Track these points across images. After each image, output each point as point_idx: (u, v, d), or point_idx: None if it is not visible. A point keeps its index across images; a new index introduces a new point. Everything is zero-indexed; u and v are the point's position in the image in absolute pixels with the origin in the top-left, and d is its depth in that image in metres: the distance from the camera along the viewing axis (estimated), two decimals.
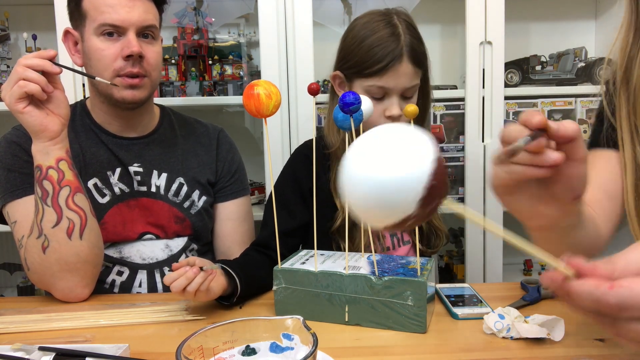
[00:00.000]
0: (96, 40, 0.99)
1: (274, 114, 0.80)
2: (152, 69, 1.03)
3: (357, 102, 0.80)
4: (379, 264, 0.86)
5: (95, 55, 1.00)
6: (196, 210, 1.14)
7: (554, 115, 1.70)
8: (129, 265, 1.08)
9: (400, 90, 1.00)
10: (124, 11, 0.97)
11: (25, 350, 0.72)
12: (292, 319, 0.62)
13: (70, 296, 0.97)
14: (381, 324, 0.81)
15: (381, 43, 0.98)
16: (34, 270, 0.96)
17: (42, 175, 0.92)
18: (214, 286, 0.85)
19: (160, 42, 1.08)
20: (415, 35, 1.01)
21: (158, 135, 1.14)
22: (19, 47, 1.81)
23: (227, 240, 1.19)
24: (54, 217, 0.92)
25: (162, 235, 1.11)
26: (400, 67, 0.98)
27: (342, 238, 1.04)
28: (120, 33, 0.99)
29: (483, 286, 1.07)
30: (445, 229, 1.12)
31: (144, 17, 1.00)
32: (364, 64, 1.00)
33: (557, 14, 1.93)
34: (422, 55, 1.01)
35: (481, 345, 0.75)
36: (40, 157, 0.92)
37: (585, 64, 1.70)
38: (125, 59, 0.98)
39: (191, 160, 1.16)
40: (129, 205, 1.08)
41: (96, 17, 0.98)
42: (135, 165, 1.09)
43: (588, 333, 0.78)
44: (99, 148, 1.08)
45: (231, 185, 1.20)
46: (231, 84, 1.69)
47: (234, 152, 1.23)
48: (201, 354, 0.58)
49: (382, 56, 0.98)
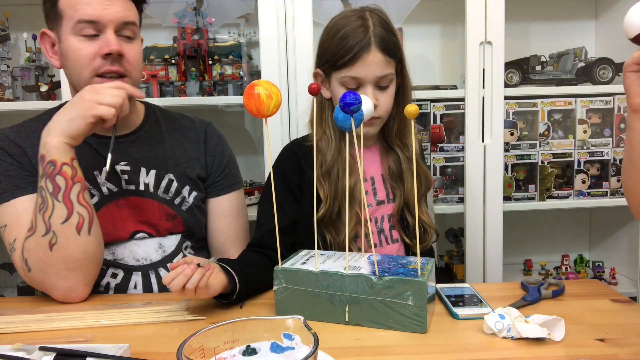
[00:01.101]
0: (73, 40, 0.98)
1: (274, 114, 0.80)
2: (133, 68, 1.02)
3: (357, 102, 0.80)
4: (380, 263, 0.86)
5: (72, 55, 0.99)
6: (187, 206, 1.12)
7: (554, 115, 1.70)
8: (123, 267, 1.08)
9: (372, 79, 1.01)
10: (101, 7, 0.96)
11: (25, 350, 0.72)
12: (292, 319, 0.62)
13: (71, 296, 0.97)
14: (381, 324, 0.81)
15: (350, 34, 1.01)
16: (36, 270, 0.95)
17: (57, 170, 0.92)
18: (214, 282, 0.85)
19: (141, 41, 1.07)
20: (385, 27, 1.02)
21: (143, 132, 1.12)
22: (19, 47, 1.81)
23: (222, 237, 1.18)
24: (64, 212, 0.92)
25: (154, 234, 1.10)
26: (368, 57, 1.00)
27: (327, 229, 1.05)
28: (98, 30, 0.97)
29: (483, 286, 1.07)
30: (434, 225, 1.13)
31: (123, 13, 0.98)
32: (335, 56, 1.03)
33: (557, 14, 1.93)
34: (392, 45, 1.02)
35: (481, 345, 0.75)
36: (56, 153, 0.92)
37: (585, 64, 1.70)
38: (103, 58, 0.97)
39: (179, 156, 1.14)
40: (118, 204, 1.07)
41: (72, 15, 0.96)
42: (122, 164, 1.07)
43: (588, 333, 0.78)
44: (83, 149, 1.04)
45: (222, 179, 1.18)
46: (231, 84, 1.69)
47: (223, 146, 1.21)
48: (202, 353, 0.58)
49: (351, 46, 1.00)
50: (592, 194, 1.73)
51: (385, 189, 1.12)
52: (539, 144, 1.71)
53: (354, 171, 1.06)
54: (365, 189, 1.10)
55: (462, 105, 1.64)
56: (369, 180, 1.11)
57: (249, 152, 1.87)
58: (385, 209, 1.12)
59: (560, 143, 1.71)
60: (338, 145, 1.07)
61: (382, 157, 1.13)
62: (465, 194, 1.65)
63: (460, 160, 1.68)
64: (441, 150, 1.69)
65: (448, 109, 1.67)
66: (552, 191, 1.72)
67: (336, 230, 1.04)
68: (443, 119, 1.68)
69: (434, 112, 1.68)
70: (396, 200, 1.11)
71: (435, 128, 1.68)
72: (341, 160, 1.06)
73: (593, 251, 2.05)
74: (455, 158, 1.69)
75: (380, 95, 1.03)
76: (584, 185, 1.73)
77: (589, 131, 1.71)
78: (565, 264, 1.92)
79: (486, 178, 1.63)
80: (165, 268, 1.10)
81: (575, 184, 1.72)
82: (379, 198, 1.12)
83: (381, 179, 1.13)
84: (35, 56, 1.70)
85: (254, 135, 1.93)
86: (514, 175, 1.71)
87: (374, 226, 1.11)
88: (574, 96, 1.70)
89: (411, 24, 1.84)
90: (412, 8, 1.72)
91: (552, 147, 1.71)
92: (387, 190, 1.13)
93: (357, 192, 1.05)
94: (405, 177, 1.10)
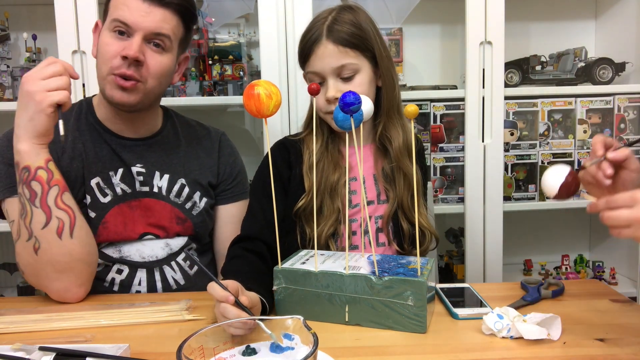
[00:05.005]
0: (107, 35, 1.00)
1: (274, 114, 0.80)
2: (150, 76, 1.01)
3: (357, 102, 0.80)
4: (379, 263, 0.86)
5: (101, 48, 1.01)
6: (198, 211, 1.14)
7: (554, 115, 1.70)
8: (129, 263, 1.08)
9: (330, 71, 1.01)
10: (139, 14, 0.97)
11: (25, 350, 0.72)
12: (292, 319, 0.62)
13: (66, 296, 0.97)
14: (381, 324, 0.81)
15: (308, 31, 1.03)
16: (28, 272, 0.96)
17: (31, 176, 0.92)
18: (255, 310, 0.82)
19: (173, 54, 1.05)
20: (345, 19, 1.01)
21: (161, 137, 1.15)
22: (19, 47, 1.81)
23: (227, 242, 1.18)
24: (42, 218, 0.92)
25: (162, 236, 1.11)
26: (319, 49, 1.00)
27: (307, 223, 1.03)
28: (128, 34, 0.99)
29: (483, 286, 1.07)
30: (433, 230, 1.09)
31: (157, 24, 0.99)
32: (299, 54, 1.06)
33: (557, 14, 1.93)
34: (348, 35, 1.00)
35: (481, 345, 0.75)
36: (28, 158, 0.92)
37: (585, 64, 1.70)
38: (122, 59, 0.98)
39: (192, 163, 1.16)
40: (130, 206, 1.08)
41: (112, 12, 0.99)
42: (138, 166, 1.09)
43: (588, 333, 0.78)
44: (102, 147, 1.08)
45: (232, 188, 1.21)
46: (231, 84, 1.69)
47: (235, 156, 1.24)
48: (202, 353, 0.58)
49: (305, 41, 1.02)
50: None
51: (376, 189, 1.10)
52: (539, 144, 1.71)
53: (339, 167, 1.06)
54: (354, 188, 1.08)
55: (462, 105, 1.64)
56: (359, 179, 1.08)
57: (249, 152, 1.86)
58: (373, 209, 1.09)
59: (560, 143, 1.71)
60: (326, 140, 1.08)
61: (376, 157, 1.11)
62: (465, 194, 1.65)
63: (460, 160, 1.68)
64: (441, 150, 1.69)
65: (448, 109, 1.67)
66: None
67: (318, 223, 1.01)
68: (443, 119, 1.68)
69: (434, 112, 1.67)
70: (389, 202, 1.08)
71: (435, 128, 1.68)
72: (328, 154, 1.06)
73: (593, 251, 2.05)
74: (455, 158, 1.69)
75: (343, 86, 1.01)
76: None
77: (589, 131, 1.71)
78: (565, 264, 1.92)
79: (486, 178, 1.62)
80: (169, 265, 1.11)
81: None
82: (368, 198, 1.09)
83: (372, 179, 1.10)
84: (35, 56, 1.70)
85: (254, 135, 1.93)
86: (514, 175, 1.71)
87: (358, 226, 1.07)
88: (574, 96, 1.70)
89: (411, 24, 1.83)
90: (412, 8, 1.72)
91: (552, 147, 1.71)
92: (377, 190, 1.10)
93: (340, 188, 1.04)
94: (396, 177, 1.08)
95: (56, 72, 0.91)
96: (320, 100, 1.02)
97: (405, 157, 1.07)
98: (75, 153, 1.06)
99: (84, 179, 1.06)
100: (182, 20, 1.04)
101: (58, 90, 0.90)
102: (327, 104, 1.02)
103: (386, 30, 1.80)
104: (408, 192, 1.07)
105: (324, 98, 1.02)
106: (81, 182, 1.05)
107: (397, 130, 1.07)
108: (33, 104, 0.90)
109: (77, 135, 1.08)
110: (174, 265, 1.12)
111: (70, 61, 1.49)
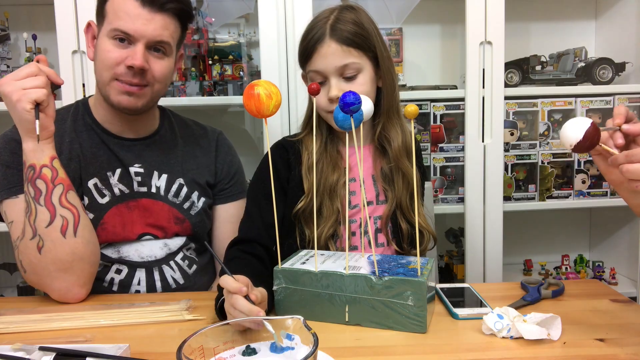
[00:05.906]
0: (107, 41, 1.00)
1: (274, 114, 0.80)
2: (156, 80, 1.03)
3: (357, 102, 0.80)
4: (379, 263, 0.86)
5: (101, 55, 1.01)
6: (196, 211, 1.14)
7: (554, 115, 1.70)
8: (128, 263, 1.08)
9: (333, 70, 1.00)
10: (140, 23, 0.97)
11: (25, 350, 0.72)
12: (292, 319, 0.62)
13: (68, 296, 0.97)
14: (381, 324, 0.81)
15: (310, 29, 1.02)
16: (30, 271, 0.96)
17: (36, 174, 0.92)
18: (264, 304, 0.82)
19: (173, 57, 1.07)
20: (347, 18, 1.01)
21: (159, 137, 1.15)
22: (19, 47, 1.81)
23: (226, 242, 1.18)
24: (47, 216, 0.92)
25: (160, 236, 1.11)
26: (322, 48, 1.00)
27: (307, 225, 1.03)
28: (130, 41, 0.99)
29: (483, 286, 1.08)
30: (432, 230, 1.09)
31: (158, 32, 0.99)
32: (300, 53, 1.05)
33: (557, 14, 1.93)
34: (352, 34, 1.00)
35: (481, 345, 0.75)
36: (33, 156, 0.92)
37: (585, 64, 1.70)
38: (127, 68, 0.99)
39: (190, 162, 1.16)
40: (128, 206, 1.08)
41: (113, 21, 0.99)
42: (136, 166, 1.10)
43: (588, 333, 0.78)
44: (99, 148, 1.08)
45: (230, 187, 1.21)
46: (231, 84, 1.69)
47: (232, 155, 1.24)
48: (202, 354, 0.58)
49: (308, 40, 1.02)
50: (592, 194, 1.73)
51: (375, 190, 1.10)
52: (539, 144, 1.71)
53: (338, 167, 1.05)
54: (353, 188, 1.08)
55: (462, 105, 1.64)
56: (359, 180, 1.08)
57: (249, 152, 1.86)
58: (372, 209, 1.09)
59: (560, 143, 1.71)
60: (325, 141, 1.07)
61: (375, 158, 1.11)
62: (465, 194, 1.65)
63: (460, 160, 1.68)
64: (441, 150, 1.69)
65: (448, 109, 1.67)
66: (552, 191, 1.72)
67: (317, 225, 1.01)
68: (443, 119, 1.68)
69: (434, 112, 1.67)
70: (388, 202, 1.08)
71: (435, 128, 1.68)
72: (327, 155, 1.06)
73: (593, 251, 2.05)
74: (455, 158, 1.69)
75: (346, 86, 1.01)
76: (584, 185, 1.73)
77: None
78: (565, 264, 1.92)
79: (486, 178, 1.62)
80: (168, 265, 1.11)
81: (575, 184, 1.72)
82: (367, 199, 1.08)
83: (371, 179, 1.10)
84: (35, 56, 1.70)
85: (254, 135, 1.93)
86: (514, 175, 1.71)
87: (358, 227, 1.07)
88: (574, 96, 1.70)
89: (411, 24, 1.84)
90: (412, 8, 1.72)
91: (552, 147, 1.71)
92: (376, 191, 1.10)
93: (340, 189, 1.04)
94: (395, 177, 1.08)
95: (31, 72, 0.90)
96: (322, 100, 1.02)
97: (404, 157, 1.07)
98: (73, 154, 1.06)
99: (82, 180, 1.06)
100: (180, 22, 1.05)
101: (35, 88, 0.89)
102: (330, 103, 1.02)
103: (386, 30, 1.80)
104: (407, 193, 1.07)
105: (326, 97, 1.02)
106: (79, 184, 1.05)
107: (396, 130, 1.07)
108: (12, 105, 0.90)
109: (74, 137, 1.08)
110: (172, 265, 1.12)
111: (70, 61, 1.49)
